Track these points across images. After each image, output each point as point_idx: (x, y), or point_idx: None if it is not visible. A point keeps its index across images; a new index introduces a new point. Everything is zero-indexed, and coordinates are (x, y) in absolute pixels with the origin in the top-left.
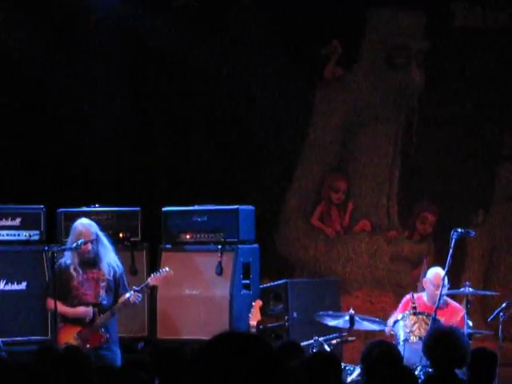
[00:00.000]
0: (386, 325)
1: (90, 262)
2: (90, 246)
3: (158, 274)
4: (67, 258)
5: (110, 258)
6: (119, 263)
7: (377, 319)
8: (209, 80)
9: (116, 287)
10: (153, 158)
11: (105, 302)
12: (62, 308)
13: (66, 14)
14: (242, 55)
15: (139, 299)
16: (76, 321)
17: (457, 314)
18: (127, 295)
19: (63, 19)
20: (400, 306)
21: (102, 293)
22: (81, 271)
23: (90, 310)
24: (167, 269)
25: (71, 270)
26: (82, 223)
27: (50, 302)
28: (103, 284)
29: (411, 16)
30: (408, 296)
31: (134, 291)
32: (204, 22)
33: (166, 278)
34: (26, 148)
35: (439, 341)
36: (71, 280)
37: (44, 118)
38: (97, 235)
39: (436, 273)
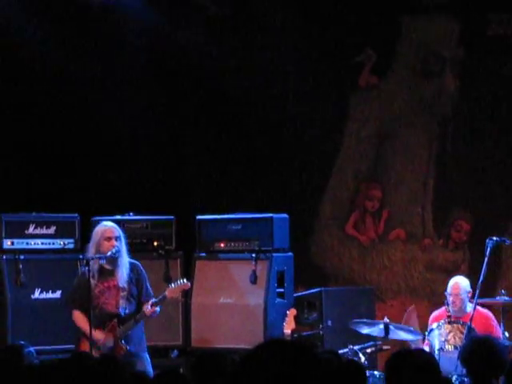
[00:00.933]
0: (420, 334)
1: (109, 270)
2: (114, 243)
3: (175, 286)
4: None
5: (125, 264)
6: (141, 268)
7: (411, 328)
8: (242, 88)
9: (138, 294)
10: (187, 167)
11: (125, 312)
12: (83, 325)
13: (93, 16)
14: (275, 63)
15: (157, 313)
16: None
17: (487, 321)
18: (146, 306)
19: (91, 21)
20: (431, 318)
21: (122, 302)
22: (100, 279)
23: (105, 339)
24: (184, 280)
25: (90, 277)
26: (105, 223)
27: (75, 315)
28: (123, 293)
29: (445, 24)
30: (437, 311)
31: (151, 305)
32: (237, 31)
33: (182, 290)
34: (61, 156)
35: (476, 349)
36: (92, 288)
37: (78, 127)
38: (120, 235)
39: (455, 282)
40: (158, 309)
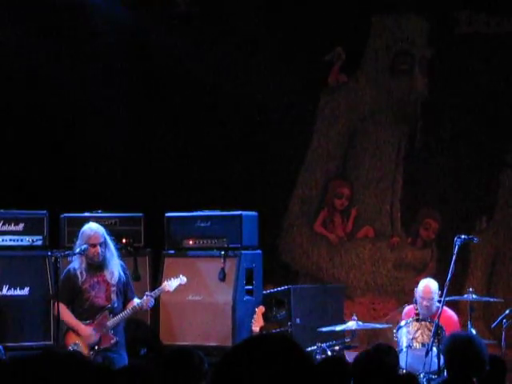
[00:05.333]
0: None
1: (97, 266)
2: (99, 249)
3: (173, 281)
4: (75, 263)
5: (115, 264)
6: (126, 268)
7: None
8: (212, 87)
9: (125, 292)
10: (156, 164)
11: (116, 305)
12: (67, 318)
13: (68, 20)
14: (245, 62)
15: (151, 304)
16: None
17: (452, 320)
18: (136, 301)
19: (65, 25)
20: (402, 318)
21: (114, 296)
22: (88, 275)
23: (92, 334)
24: (184, 278)
25: (78, 273)
26: (91, 227)
27: (61, 309)
28: (113, 288)
29: (415, 22)
30: (408, 306)
31: (147, 296)
32: (207, 29)
33: (179, 286)
34: (29, 153)
35: (460, 347)
36: (81, 283)
37: (48, 124)
38: (105, 239)
39: (426, 286)
40: (153, 300)
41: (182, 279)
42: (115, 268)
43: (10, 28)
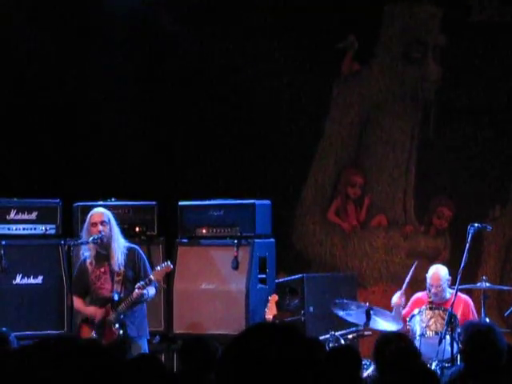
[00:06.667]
0: (399, 322)
1: (104, 256)
2: (100, 227)
3: (160, 269)
4: (85, 251)
5: (118, 250)
6: (139, 252)
7: (392, 314)
8: (224, 75)
9: (136, 278)
10: (169, 152)
11: (119, 296)
12: (78, 306)
13: (78, 8)
14: (258, 50)
15: (147, 295)
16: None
17: (466, 306)
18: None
19: (75, 14)
20: (411, 302)
21: (117, 287)
22: (96, 264)
23: (98, 312)
24: (168, 263)
25: (87, 263)
26: (96, 208)
27: (74, 300)
28: (118, 278)
29: (428, 10)
30: (420, 293)
31: (137, 288)
32: (218, 17)
33: (166, 272)
34: (42, 142)
35: (481, 337)
36: (89, 274)
37: (60, 112)
38: (109, 220)
39: (435, 272)
40: (145, 291)
41: (168, 266)
42: (120, 253)
43: (13, 14)
